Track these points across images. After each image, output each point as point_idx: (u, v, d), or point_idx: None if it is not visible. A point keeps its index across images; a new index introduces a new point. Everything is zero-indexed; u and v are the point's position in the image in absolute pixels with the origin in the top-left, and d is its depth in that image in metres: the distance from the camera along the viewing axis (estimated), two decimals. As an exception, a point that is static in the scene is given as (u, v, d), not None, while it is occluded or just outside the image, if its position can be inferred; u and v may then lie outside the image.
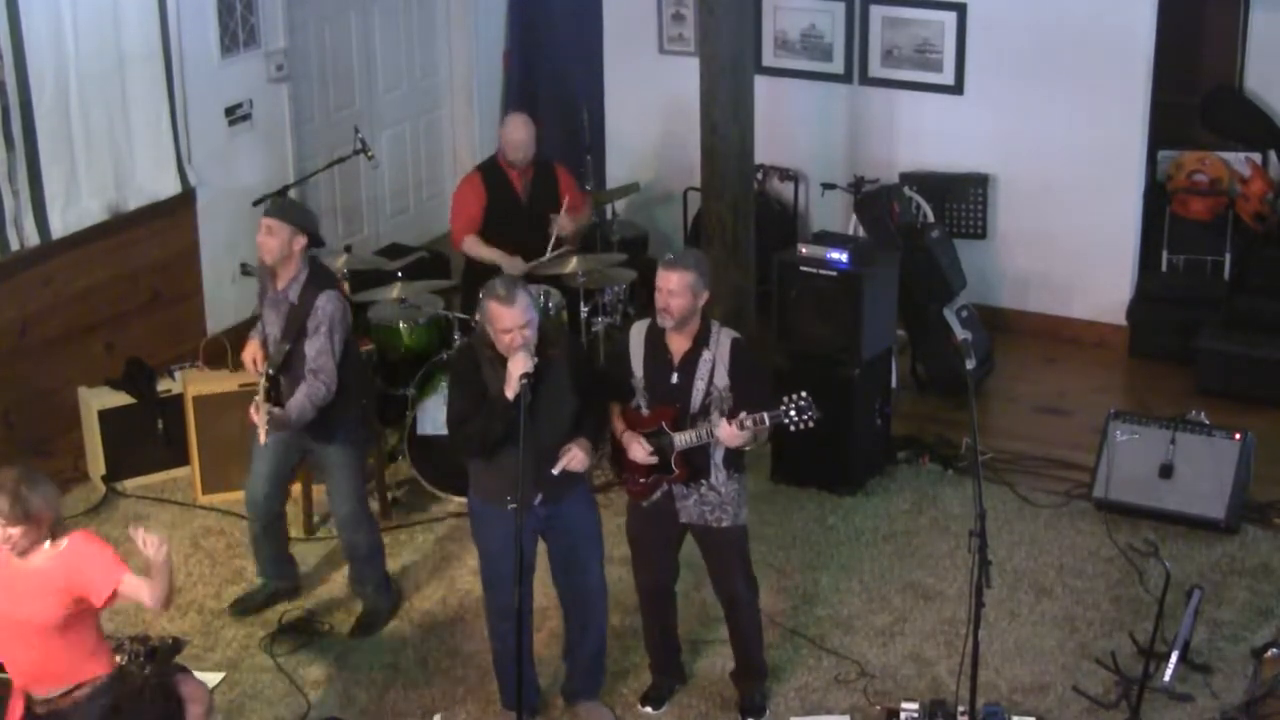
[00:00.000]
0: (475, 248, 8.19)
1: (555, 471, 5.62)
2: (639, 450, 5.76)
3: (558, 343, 5.74)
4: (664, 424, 5.77)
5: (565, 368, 5.69)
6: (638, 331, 5.89)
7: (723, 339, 5.79)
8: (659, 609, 6.19)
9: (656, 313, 5.75)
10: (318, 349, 6.28)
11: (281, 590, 6.89)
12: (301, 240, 6.31)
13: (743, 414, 5.65)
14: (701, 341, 5.77)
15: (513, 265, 7.99)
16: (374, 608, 6.80)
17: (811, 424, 5.67)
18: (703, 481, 5.84)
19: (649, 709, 6.22)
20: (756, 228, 8.38)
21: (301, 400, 6.26)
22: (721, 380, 5.76)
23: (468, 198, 8.24)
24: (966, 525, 5.71)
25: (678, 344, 5.80)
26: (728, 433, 5.65)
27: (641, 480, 5.86)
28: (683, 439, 5.74)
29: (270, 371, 6.36)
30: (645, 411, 5.84)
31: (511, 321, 5.49)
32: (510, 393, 5.47)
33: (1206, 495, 7.27)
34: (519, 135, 8.16)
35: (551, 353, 5.65)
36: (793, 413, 5.63)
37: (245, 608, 6.83)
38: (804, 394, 5.66)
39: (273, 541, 6.80)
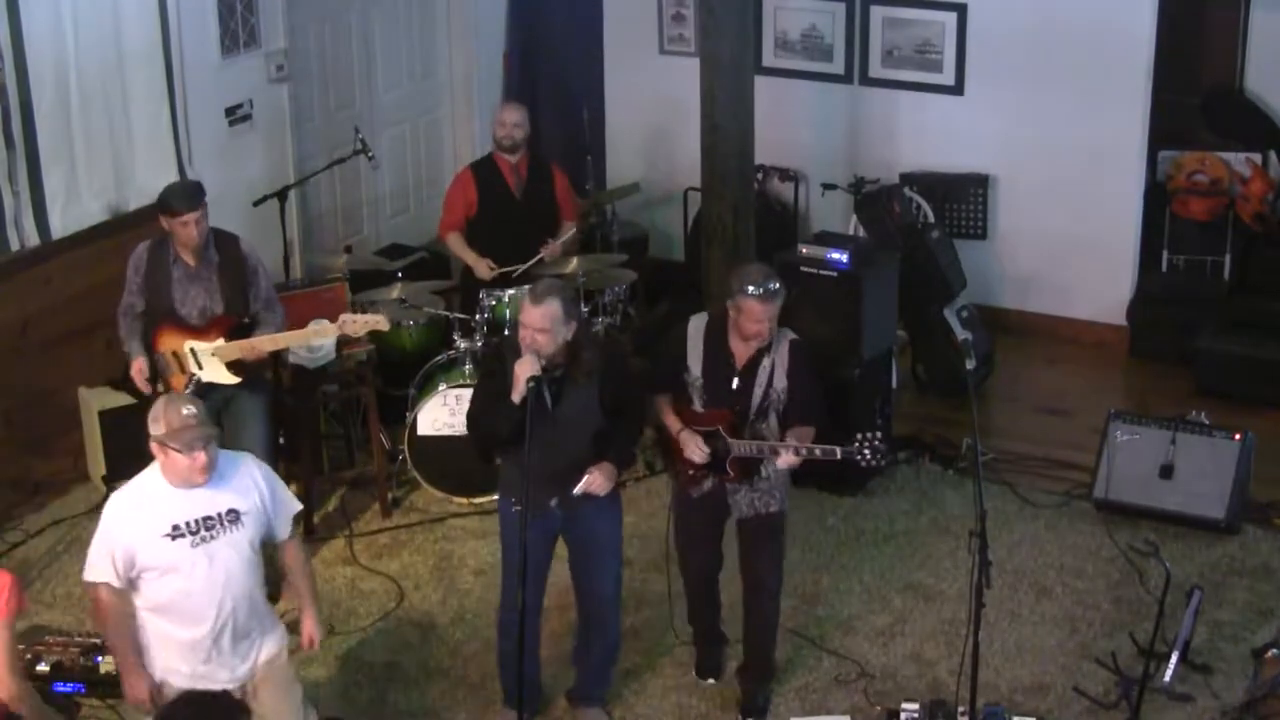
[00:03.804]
0: (455, 244, 8.26)
1: (575, 493, 5.63)
2: (696, 451, 5.79)
3: (588, 367, 5.61)
4: (721, 428, 5.77)
5: (595, 389, 5.63)
6: (696, 328, 5.87)
7: (782, 340, 5.82)
8: (708, 590, 6.24)
9: (746, 339, 5.75)
10: (264, 285, 6.64)
11: None
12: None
13: (802, 446, 5.70)
14: (764, 347, 5.78)
15: (480, 269, 8.07)
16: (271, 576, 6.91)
17: (883, 464, 5.79)
18: (755, 477, 5.91)
19: (711, 680, 6.29)
20: (756, 228, 8.38)
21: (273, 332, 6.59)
22: (780, 382, 5.78)
23: (456, 197, 8.28)
24: (967, 525, 5.71)
25: (741, 348, 5.79)
26: (787, 461, 5.73)
27: (691, 472, 5.90)
28: (741, 448, 5.76)
29: (197, 376, 6.53)
30: (700, 409, 5.85)
31: (528, 320, 5.48)
32: (515, 395, 5.47)
33: (1206, 495, 7.27)
34: (511, 115, 8.22)
35: (578, 374, 5.58)
36: (866, 453, 5.71)
37: None
38: (879, 435, 5.72)
39: None
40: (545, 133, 9.76)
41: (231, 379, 6.57)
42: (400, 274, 8.30)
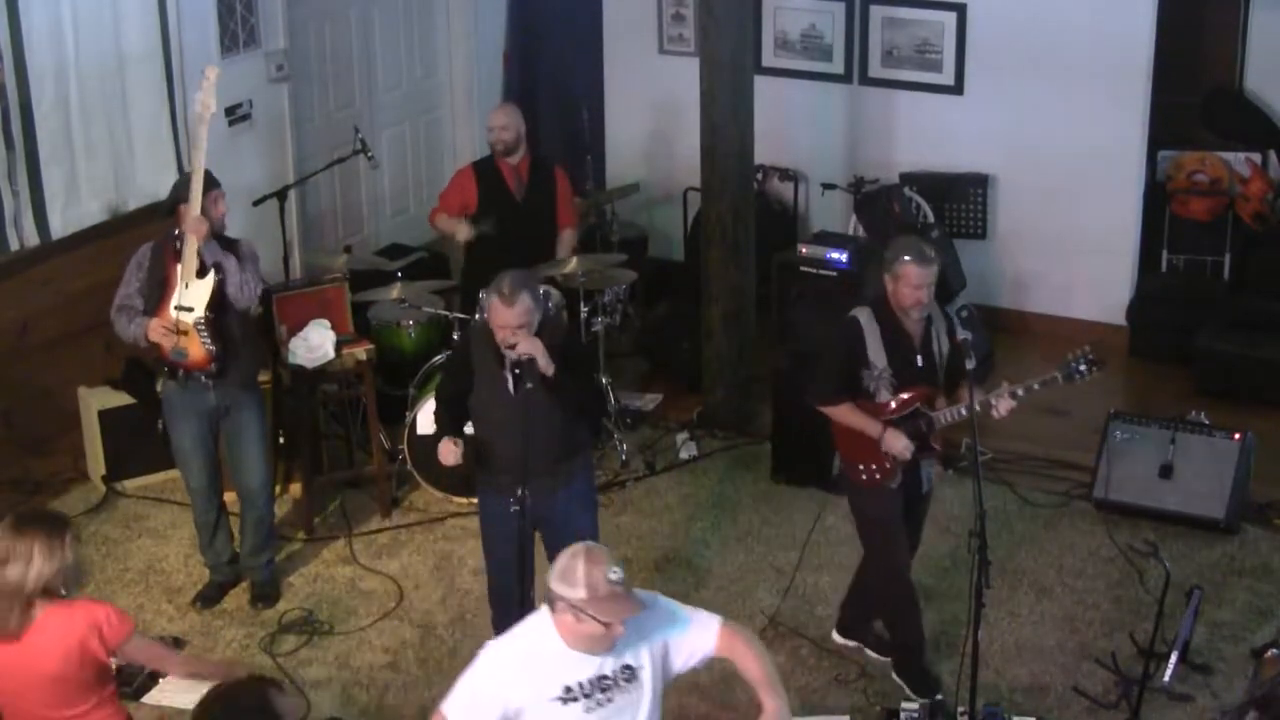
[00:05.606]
0: (441, 221, 8.31)
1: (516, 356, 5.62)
2: (905, 447, 5.87)
3: (554, 334, 5.79)
4: (920, 407, 5.91)
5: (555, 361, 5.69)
6: (866, 321, 5.91)
7: (934, 307, 5.95)
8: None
9: (904, 308, 5.84)
10: (248, 263, 6.48)
11: (228, 581, 6.97)
12: None
13: (1018, 387, 5.88)
14: (926, 318, 5.93)
15: (460, 232, 8.14)
16: (270, 577, 6.95)
17: (1096, 373, 5.90)
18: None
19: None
20: (756, 228, 8.37)
21: (237, 269, 6.39)
22: (945, 346, 5.95)
23: (454, 192, 8.29)
24: (966, 525, 5.72)
25: (913, 327, 5.92)
26: (1007, 406, 5.90)
27: (888, 465, 5.97)
28: (947, 416, 5.93)
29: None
30: (888, 399, 5.92)
31: (505, 320, 5.56)
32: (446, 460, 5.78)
33: (1206, 495, 7.27)
34: (496, 119, 8.22)
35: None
36: (1083, 368, 5.86)
37: (206, 601, 6.91)
38: (1087, 348, 5.89)
39: (223, 528, 6.90)
40: (545, 133, 9.75)
41: (210, 283, 6.41)
42: (400, 274, 8.30)
